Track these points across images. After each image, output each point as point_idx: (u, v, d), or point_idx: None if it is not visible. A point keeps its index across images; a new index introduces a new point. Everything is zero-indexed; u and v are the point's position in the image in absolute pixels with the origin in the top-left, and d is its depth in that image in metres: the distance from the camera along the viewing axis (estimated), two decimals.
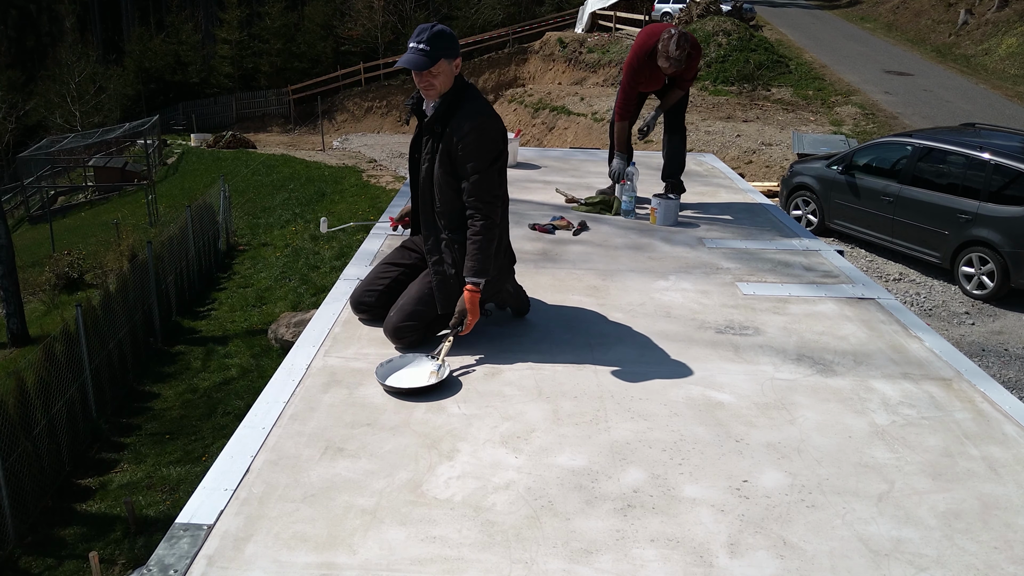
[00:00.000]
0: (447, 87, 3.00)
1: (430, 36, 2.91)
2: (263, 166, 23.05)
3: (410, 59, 2.93)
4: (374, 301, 3.20)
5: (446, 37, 2.95)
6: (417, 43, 2.92)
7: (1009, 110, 17.84)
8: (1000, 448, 2.50)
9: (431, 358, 2.85)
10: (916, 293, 9.32)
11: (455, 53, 3.00)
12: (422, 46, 2.90)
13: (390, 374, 2.77)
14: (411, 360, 2.86)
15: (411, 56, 2.94)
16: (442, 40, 2.93)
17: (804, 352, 3.15)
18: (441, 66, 2.95)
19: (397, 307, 3.05)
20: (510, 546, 1.98)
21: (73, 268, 14.48)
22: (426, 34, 2.92)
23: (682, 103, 5.37)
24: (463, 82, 3.06)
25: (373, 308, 3.20)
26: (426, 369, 2.79)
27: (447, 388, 2.73)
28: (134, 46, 37.07)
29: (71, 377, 8.41)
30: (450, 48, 2.96)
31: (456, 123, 2.95)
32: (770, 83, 20.62)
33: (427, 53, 2.92)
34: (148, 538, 6.93)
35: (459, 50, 3.02)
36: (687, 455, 2.41)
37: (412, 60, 2.93)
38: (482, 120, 2.98)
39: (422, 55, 2.92)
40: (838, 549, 2.01)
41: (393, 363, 2.83)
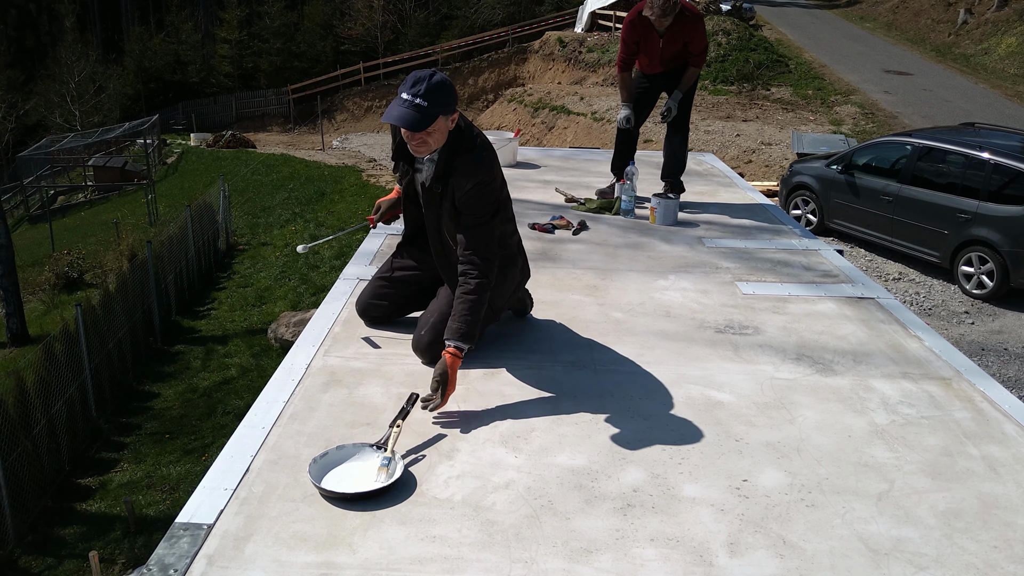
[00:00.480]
0: (441, 144, 2.66)
1: (427, 89, 2.52)
2: (263, 166, 23.04)
3: (403, 115, 2.53)
4: (382, 315, 3.15)
5: (445, 90, 2.57)
6: (412, 96, 2.52)
7: (1008, 109, 17.84)
8: (1000, 447, 2.51)
9: (376, 449, 2.31)
10: (916, 292, 9.33)
11: (453, 107, 2.62)
12: (418, 100, 2.52)
13: (327, 471, 2.22)
14: (354, 453, 2.31)
15: (404, 112, 2.53)
16: (441, 94, 2.55)
17: (804, 351, 3.15)
18: (438, 124, 2.59)
19: (428, 325, 2.86)
20: (510, 545, 1.98)
21: (73, 268, 14.48)
22: (423, 86, 2.52)
23: (689, 97, 5.24)
24: (457, 129, 2.71)
25: (381, 320, 3.15)
26: (373, 465, 2.24)
27: (400, 490, 2.17)
28: (134, 45, 37.05)
29: (71, 377, 8.41)
30: (448, 103, 2.59)
31: (456, 181, 2.67)
32: (770, 83, 20.62)
33: (423, 110, 2.53)
34: (148, 537, 6.93)
35: (456, 102, 2.65)
36: (687, 454, 2.41)
37: (405, 117, 2.53)
38: (483, 175, 2.69)
39: (417, 112, 2.53)
40: (838, 548, 2.01)
41: (330, 456, 2.28)
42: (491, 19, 35.06)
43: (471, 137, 2.70)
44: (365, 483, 2.15)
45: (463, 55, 33.30)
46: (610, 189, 5.28)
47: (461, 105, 31.80)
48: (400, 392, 2.68)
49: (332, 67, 34.83)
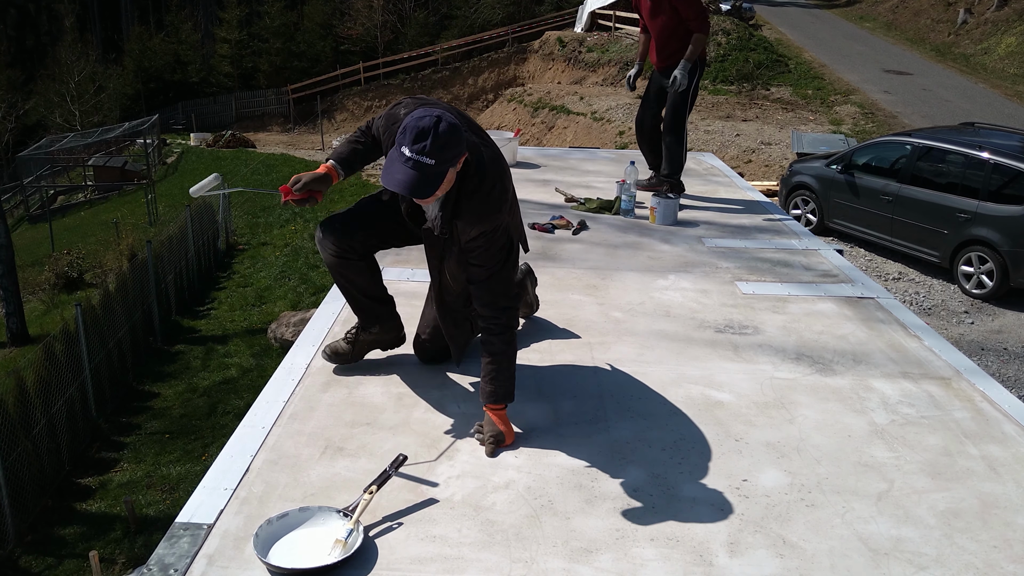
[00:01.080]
0: (447, 189, 2.29)
1: (434, 146, 2.12)
2: (263, 165, 23.04)
3: (408, 181, 2.13)
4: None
5: (454, 140, 2.16)
6: (416, 154, 2.12)
7: (1008, 109, 17.84)
8: (999, 447, 2.51)
9: (342, 515, 2.04)
10: (915, 292, 9.33)
11: (462, 153, 2.23)
12: (424, 159, 2.12)
13: (276, 540, 1.97)
14: (311, 516, 2.04)
15: (409, 175, 2.13)
16: (450, 148, 2.16)
17: (803, 351, 3.15)
18: (448, 176, 2.22)
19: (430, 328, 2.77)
20: (510, 545, 1.98)
21: (73, 267, 14.47)
22: (428, 142, 2.12)
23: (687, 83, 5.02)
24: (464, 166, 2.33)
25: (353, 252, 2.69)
26: (330, 535, 1.98)
27: (355, 565, 1.91)
28: (133, 45, 37.02)
29: (71, 376, 8.41)
30: (457, 152, 2.20)
31: (462, 226, 2.35)
32: (769, 82, 20.62)
33: (430, 171, 2.14)
34: (148, 537, 6.93)
35: (464, 145, 2.24)
36: (686, 454, 2.41)
37: (411, 183, 2.14)
38: (489, 223, 2.35)
39: (422, 174, 2.14)
40: (838, 548, 2.01)
41: (288, 519, 2.02)
42: (491, 19, 35.05)
43: (479, 171, 2.31)
44: (316, 557, 1.91)
45: (463, 55, 33.29)
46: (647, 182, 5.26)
47: (461, 105, 31.83)
48: (400, 392, 2.68)
49: (332, 67, 34.82)
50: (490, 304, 2.41)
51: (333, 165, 2.52)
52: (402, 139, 2.15)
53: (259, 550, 1.91)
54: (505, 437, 2.40)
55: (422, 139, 2.12)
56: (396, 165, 2.15)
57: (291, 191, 2.47)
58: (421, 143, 2.12)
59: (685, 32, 4.96)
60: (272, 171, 22.08)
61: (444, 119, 2.15)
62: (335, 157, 2.55)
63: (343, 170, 2.53)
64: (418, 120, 2.14)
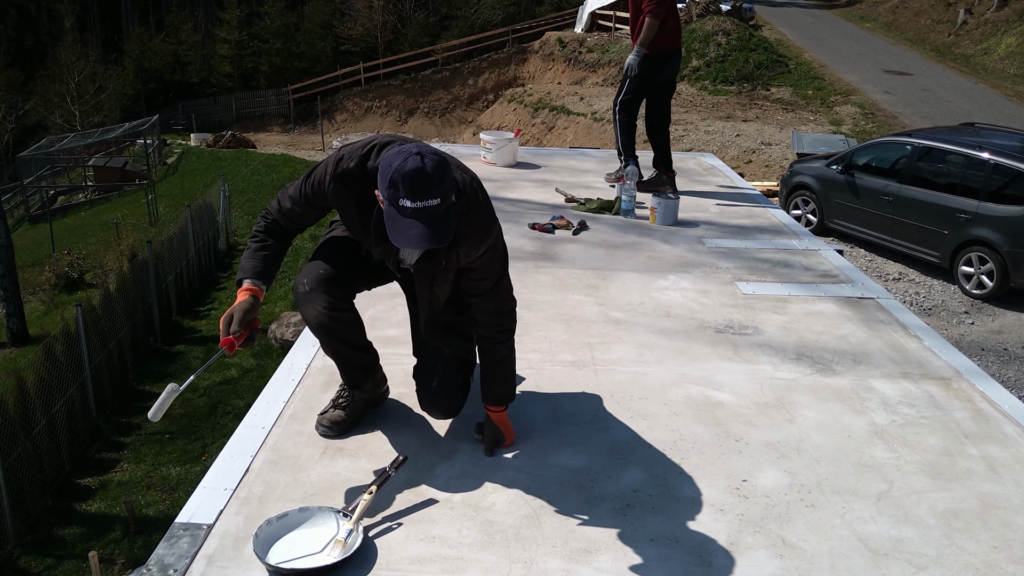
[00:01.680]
0: None
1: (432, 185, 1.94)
2: (263, 166, 23.04)
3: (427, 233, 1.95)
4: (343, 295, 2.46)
5: (446, 170, 2.00)
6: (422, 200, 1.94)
7: (1008, 109, 17.84)
8: (999, 447, 2.51)
9: (342, 515, 2.03)
10: (916, 292, 9.32)
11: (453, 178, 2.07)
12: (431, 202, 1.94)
13: (276, 540, 1.96)
14: (311, 517, 2.04)
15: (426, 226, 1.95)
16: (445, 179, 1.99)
17: (803, 351, 3.15)
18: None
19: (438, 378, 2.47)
20: (509, 546, 1.98)
21: (73, 268, 14.47)
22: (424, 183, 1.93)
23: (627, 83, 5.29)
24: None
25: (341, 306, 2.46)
26: (330, 536, 1.98)
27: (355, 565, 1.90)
28: (134, 46, 37.01)
29: (71, 377, 8.41)
30: (452, 180, 2.05)
31: (465, 251, 2.21)
32: (769, 83, 20.61)
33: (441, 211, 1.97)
34: (148, 538, 6.93)
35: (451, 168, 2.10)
36: (686, 455, 2.41)
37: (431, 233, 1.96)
38: (491, 235, 2.24)
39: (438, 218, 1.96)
40: (837, 548, 2.01)
41: (288, 520, 2.02)
42: (491, 19, 35.03)
43: (467, 188, 2.18)
44: (316, 557, 1.91)
45: (463, 55, 33.28)
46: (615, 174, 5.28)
47: (461, 105, 31.80)
48: (400, 392, 2.68)
49: (332, 67, 34.81)
50: (494, 312, 2.34)
51: (253, 284, 2.26)
52: (396, 192, 1.93)
53: (259, 550, 1.90)
54: (505, 438, 2.41)
55: (417, 183, 1.92)
56: (402, 222, 1.95)
57: (232, 339, 2.17)
58: (420, 188, 1.92)
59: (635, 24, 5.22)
60: (272, 171, 22.08)
61: (425, 154, 1.97)
62: (250, 275, 2.27)
63: (264, 284, 2.28)
64: (402, 166, 1.93)
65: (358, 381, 2.48)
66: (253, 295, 2.23)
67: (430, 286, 2.31)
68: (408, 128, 31.35)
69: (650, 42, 5.14)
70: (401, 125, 31.74)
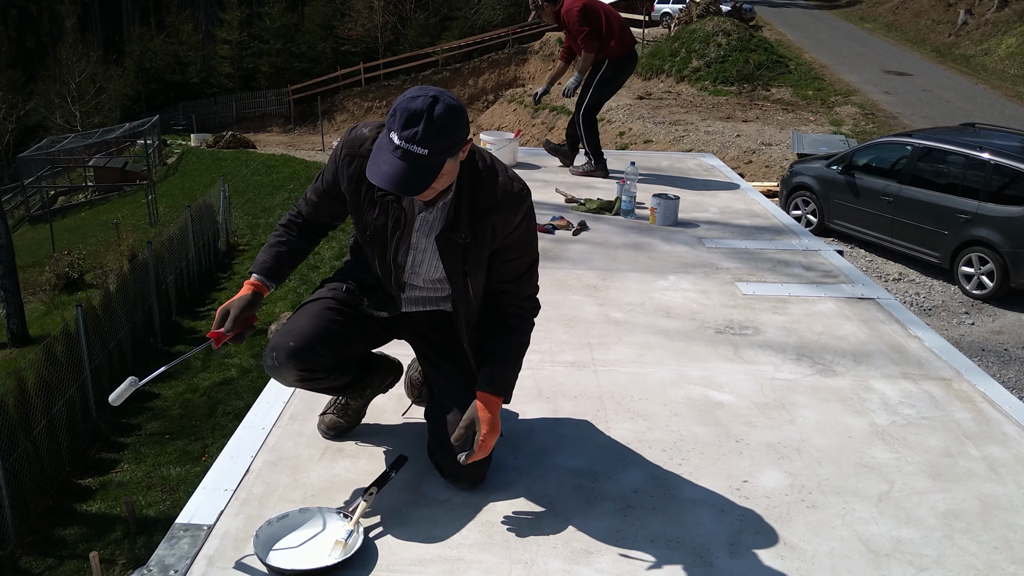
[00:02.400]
0: (451, 181, 1.96)
1: (426, 132, 1.78)
2: (263, 166, 23.06)
3: (395, 174, 1.80)
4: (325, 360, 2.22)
5: (453, 125, 1.82)
6: (407, 141, 1.79)
7: (1009, 110, 17.84)
8: (1000, 448, 2.50)
9: (342, 516, 2.01)
10: (916, 293, 9.32)
11: (465, 140, 1.88)
12: (416, 148, 1.78)
13: (276, 541, 1.95)
14: (311, 517, 2.02)
15: (397, 166, 1.80)
16: (447, 134, 1.81)
17: (804, 352, 3.15)
18: (445, 169, 1.87)
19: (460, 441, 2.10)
20: (510, 546, 1.98)
21: (73, 268, 14.49)
22: (420, 127, 1.78)
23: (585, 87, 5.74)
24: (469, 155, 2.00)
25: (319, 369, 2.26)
26: (330, 536, 1.96)
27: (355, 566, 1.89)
28: (134, 46, 37.05)
29: (71, 377, 8.42)
30: (458, 140, 1.85)
31: (499, 220, 2.01)
32: (770, 83, 20.62)
33: (423, 162, 1.81)
34: (148, 538, 6.93)
35: (468, 129, 1.89)
36: (687, 455, 2.41)
37: (398, 177, 1.80)
38: (528, 198, 2.06)
39: (413, 166, 1.80)
40: (838, 549, 2.01)
41: (288, 520, 2.00)
42: (491, 20, 35.06)
43: (488, 161, 2.05)
44: (316, 558, 1.90)
45: (463, 56, 33.31)
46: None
47: None
48: (400, 392, 2.67)
49: (332, 68, 34.84)
50: (531, 297, 2.15)
51: (259, 280, 2.13)
52: (391, 123, 1.81)
53: (259, 551, 1.90)
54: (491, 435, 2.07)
55: (414, 123, 1.77)
56: (383, 154, 1.82)
57: (222, 333, 2.05)
58: (412, 128, 1.77)
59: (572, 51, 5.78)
60: (272, 172, 22.09)
61: (442, 99, 1.80)
62: (258, 269, 2.15)
63: (271, 282, 2.15)
64: (410, 101, 1.79)
65: (354, 396, 2.41)
66: (256, 291, 2.11)
67: (462, 272, 2.06)
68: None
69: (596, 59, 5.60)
70: None
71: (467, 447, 2.03)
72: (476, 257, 2.05)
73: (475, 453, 2.02)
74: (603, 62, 5.63)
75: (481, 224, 2.01)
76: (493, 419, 2.05)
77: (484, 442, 2.02)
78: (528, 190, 2.07)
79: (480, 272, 2.08)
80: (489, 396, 2.06)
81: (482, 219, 2.00)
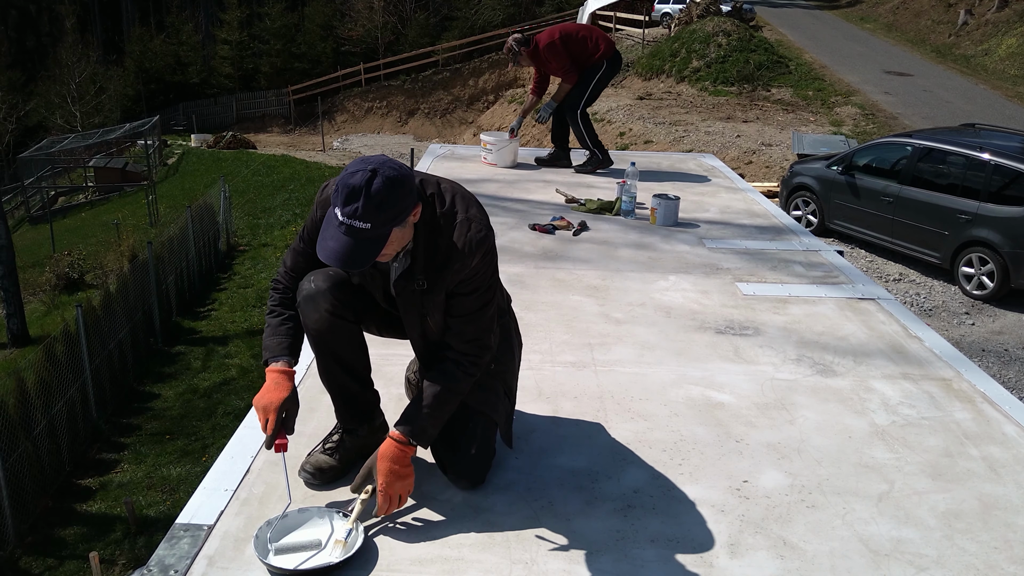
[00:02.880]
0: (407, 240, 1.97)
1: (367, 207, 1.80)
2: (263, 166, 23.06)
3: (340, 250, 1.83)
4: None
5: (394, 196, 1.83)
6: (348, 217, 1.81)
7: (1009, 110, 17.84)
8: (1000, 448, 2.50)
9: (342, 516, 2.01)
10: (916, 293, 9.32)
11: (410, 208, 1.90)
12: (357, 224, 1.81)
13: (276, 541, 1.95)
14: (311, 517, 2.03)
15: (345, 243, 1.82)
16: (388, 206, 1.83)
17: (804, 352, 3.15)
18: (392, 236, 1.88)
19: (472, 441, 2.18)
20: (510, 546, 1.98)
21: (73, 268, 14.48)
22: (360, 203, 1.80)
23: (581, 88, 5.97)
24: (426, 202, 1.99)
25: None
26: (329, 536, 1.97)
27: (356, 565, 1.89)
28: (134, 46, 37.06)
29: (71, 377, 8.41)
30: (402, 210, 1.87)
31: (456, 266, 1.99)
32: (770, 83, 20.62)
33: (365, 236, 1.83)
34: (148, 538, 6.93)
35: (415, 196, 1.92)
36: (687, 455, 2.41)
37: (343, 253, 1.83)
38: (484, 240, 2.01)
39: (356, 239, 1.83)
40: (838, 549, 2.01)
41: (288, 520, 2.00)
42: (491, 20, 35.06)
43: (448, 202, 2.02)
44: (316, 557, 1.90)
45: (463, 56, 33.31)
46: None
47: (462, 106, 31.79)
48: (400, 393, 2.67)
49: (332, 68, 34.84)
50: (474, 341, 2.07)
51: (286, 363, 2.08)
52: (335, 198, 1.83)
53: (259, 551, 1.90)
54: (393, 486, 1.99)
55: (353, 200, 1.80)
56: (330, 229, 1.85)
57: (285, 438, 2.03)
58: (352, 205, 1.80)
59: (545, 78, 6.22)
60: (272, 172, 22.09)
61: (381, 172, 1.82)
62: (281, 351, 2.09)
63: (295, 358, 2.12)
64: (349, 176, 1.82)
65: (353, 422, 2.24)
66: (288, 379, 2.05)
67: (419, 317, 2.08)
68: (408, 129, 31.37)
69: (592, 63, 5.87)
70: (401, 126, 31.76)
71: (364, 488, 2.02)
72: (432, 301, 2.05)
73: (379, 506, 1.98)
74: (600, 64, 5.89)
75: (438, 269, 2.00)
76: (393, 469, 1.98)
77: (382, 493, 1.97)
78: (487, 232, 2.03)
79: (438, 313, 2.07)
80: (396, 444, 2.00)
81: (441, 265, 2.00)
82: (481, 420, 2.20)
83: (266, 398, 2.01)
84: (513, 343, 2.33)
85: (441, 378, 2.04)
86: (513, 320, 2.37)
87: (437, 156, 6.52)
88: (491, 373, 2.21)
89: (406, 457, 2.01)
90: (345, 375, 2.19)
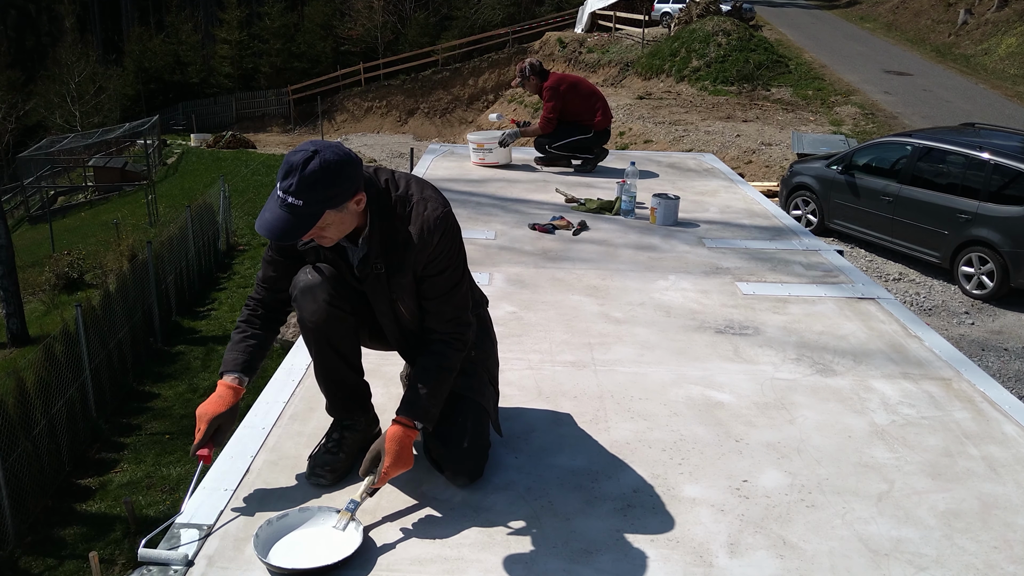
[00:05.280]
0: (353, 225, 2.02)
1: (300, 184, 1.87)
2: (263, 166, 23.04)
3: (273, 222, 1.90)
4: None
5: (327, 179, 1.89)
6: (283, 192, 1.89)
7: (1009, 110, 17.84)
8: (1000, 448, 2.51)
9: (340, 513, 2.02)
10: (916, 293, 9.32)
11: (349, 193, 1.94)
12: (291, 199, 1.88)
13: (276, 541, 1.96)
14: (311, 517, 2.03)
15: (276, 215, 1.90)
16: (321, 188, 1.88)
17: (804, 352, 3.15)
18: (328, 219, 1.94)
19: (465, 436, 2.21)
20: (510, 546, 1.98)
21: (73, 268, 14.47)
22: (295, 179, 1.88)
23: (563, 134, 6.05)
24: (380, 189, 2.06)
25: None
26: (330, 536, 1.97)
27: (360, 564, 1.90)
28: (134, 46, 37.03)
29: (71, 377, 8.40)
30: (336, 194, 1.91)
31: (417, 243, 2.04)
32: (770, 83, 20.62)
33: (298, 212, 1.88)
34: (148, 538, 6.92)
35: (357, 183, 1.96)
36: (687, 455, 2.41)
37: (274, 224, 1.90)
38: (445, 219, 2.07)
39: (290, 214, 1.89)
40: (838, 549, 2.01)
41: (288, 520, 2.01)
42: (491, 19, 35.04)
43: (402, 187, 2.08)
44: (316, 557, 1.90)
45: (463, 56, 33.28)
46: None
47: (462, 106, 31.75)
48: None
49: (332, 68, 34.83)
50: (454, 320, 2.13)
51: (236, 379, 2.15)
52: (278, 175, 1.92)
53: (259, 550, 1.90)
54: (394, 465, 2.03)
55: (290, 176, 1.88)
56: (270, 203, 1.93)
57: (211, 449, 2.11)
58: (288, 180, 1.88)
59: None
60: (272, 172, 22.05)
61: (321, 154, 1.88)
62: (232, 367, 2.17)
63: (247, 376, 2.18)
64: (292, 154, 1.91)
65: (350, 415, 2.27)
66: (232, 395, 2.13)
67: (388, 303, 2.13)
68: (408, 128, 31.36)
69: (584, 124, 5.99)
70: (401, 125, 31.74)
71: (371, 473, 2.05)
72: (399, 284, 2.09)
73: (376, 482, 2.02)
74: (590, 128, 6.00)
75: (398, 251, 2.05)
76: (399, 451, 2.03)
77: (386, 473, 2.02)
78: (445, 210, 2.08)
79: (409, 298, 2.12)
80: (402, 427, 2.05)
81: (402, 246, 2.05)
82: (471, 412, 2.23)
83: (205, 408, 2.11)
84: (491, 332, 2.41)
85: (433, 358, 2.11)
86: (487, 314, 2.43)
87: (437, 155, 6.52)
88: (473, 360, 2.27)
89: (411, 441, 2.06)
90: (344, 367, 2.23)
